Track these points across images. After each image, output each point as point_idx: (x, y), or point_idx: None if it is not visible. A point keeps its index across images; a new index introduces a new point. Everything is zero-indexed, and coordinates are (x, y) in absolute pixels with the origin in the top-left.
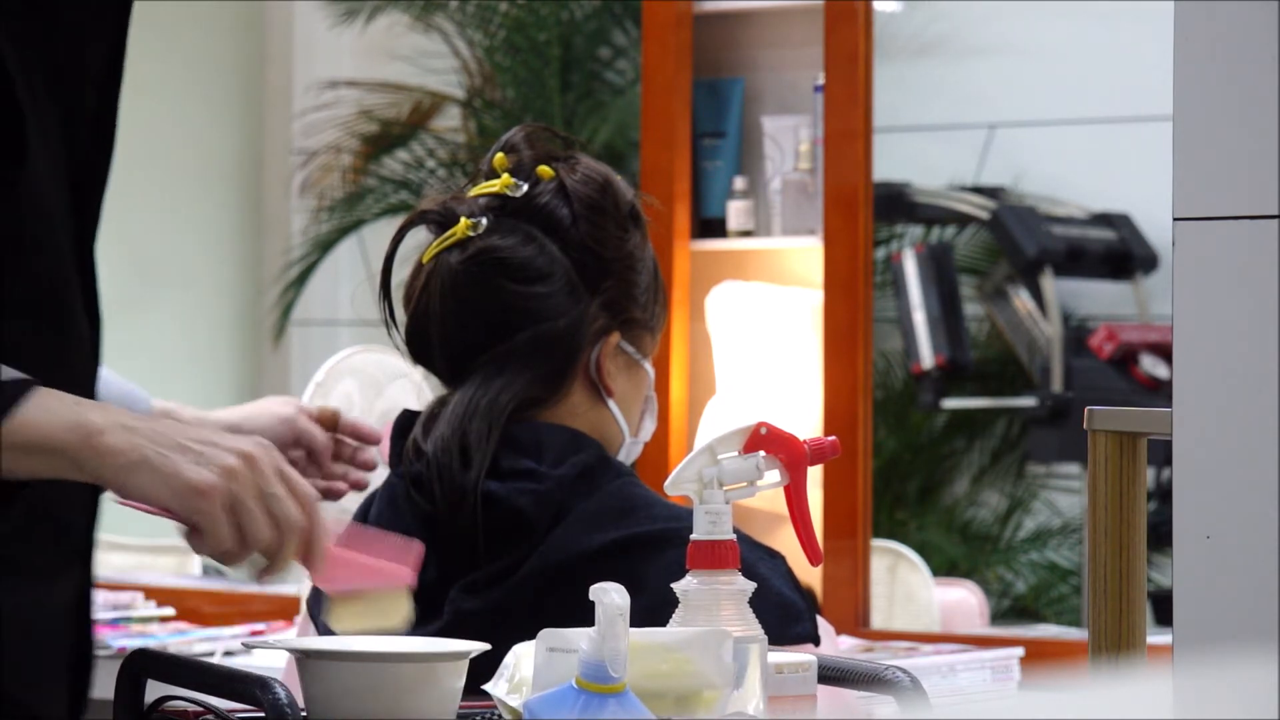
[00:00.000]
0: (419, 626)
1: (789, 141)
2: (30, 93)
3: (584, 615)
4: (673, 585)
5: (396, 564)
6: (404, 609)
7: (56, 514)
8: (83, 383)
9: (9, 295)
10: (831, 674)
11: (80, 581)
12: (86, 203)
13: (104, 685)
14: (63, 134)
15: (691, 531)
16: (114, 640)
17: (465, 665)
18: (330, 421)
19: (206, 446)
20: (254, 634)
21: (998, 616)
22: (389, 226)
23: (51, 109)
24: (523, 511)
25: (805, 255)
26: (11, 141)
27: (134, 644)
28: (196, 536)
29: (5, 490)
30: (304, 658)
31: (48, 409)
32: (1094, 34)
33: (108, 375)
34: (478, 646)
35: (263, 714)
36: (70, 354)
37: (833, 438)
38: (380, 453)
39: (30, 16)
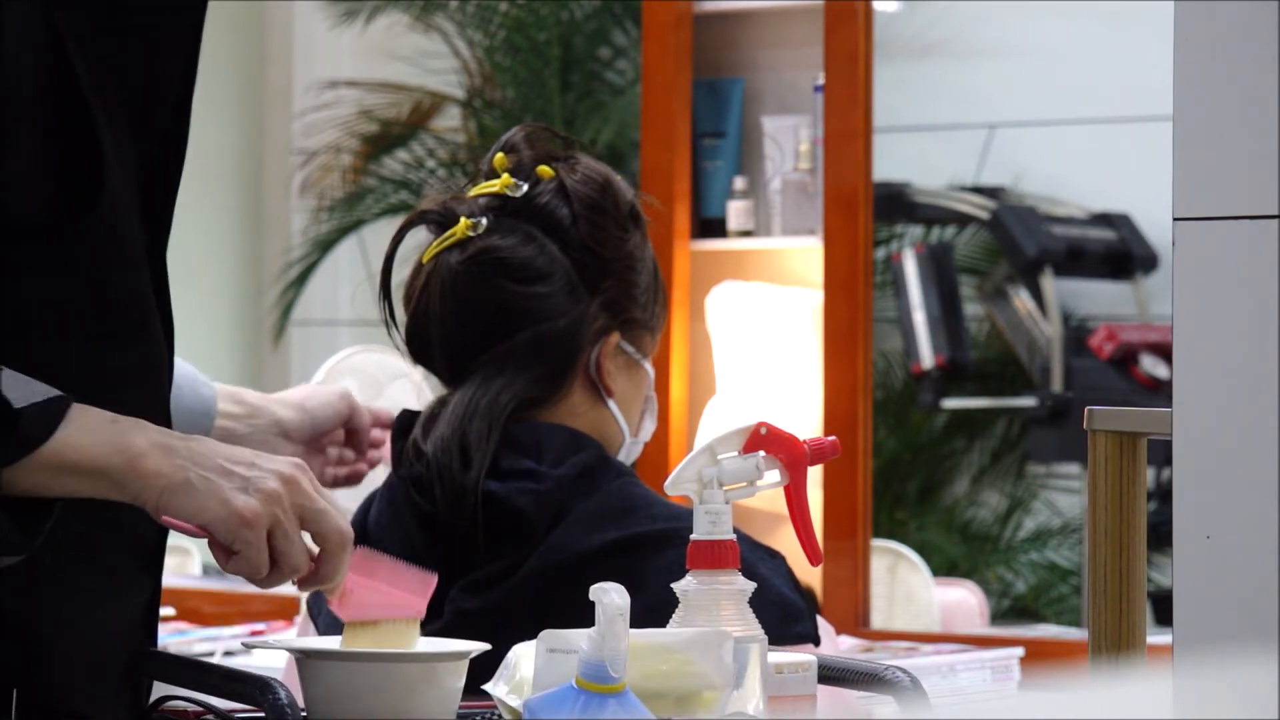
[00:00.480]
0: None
1: (789, 141)
2: (101, 100)
3: (584, 615)
4: (673, 585)
5: (412, 595)
6: (415, 638)
7: (124, 521)
8: (161, 393)
9: (88, 316)
10: (831, 674)
11: (150, 591)
12: (159, 211)
13: None
14: (135, 141)
15: (691, 531)
16: None
17: (465, 665)
18: None
19: (247, 469)
20: (254, 634)
21: (998, 616)
22: (389, 226)
23: (122, 116)
24: (523, 511)
25: (805, 255)
26: (89, 154)
27: None
28: (224, 554)
29: (39, 504)
30: (304, 658)
31: (87, 429)
32: (1094, 34)
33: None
34: (478, 646)
35: (263, 715)
36: (148, 367)
37: (833, 438)
38: (381, 453)
39: (102, 23)
